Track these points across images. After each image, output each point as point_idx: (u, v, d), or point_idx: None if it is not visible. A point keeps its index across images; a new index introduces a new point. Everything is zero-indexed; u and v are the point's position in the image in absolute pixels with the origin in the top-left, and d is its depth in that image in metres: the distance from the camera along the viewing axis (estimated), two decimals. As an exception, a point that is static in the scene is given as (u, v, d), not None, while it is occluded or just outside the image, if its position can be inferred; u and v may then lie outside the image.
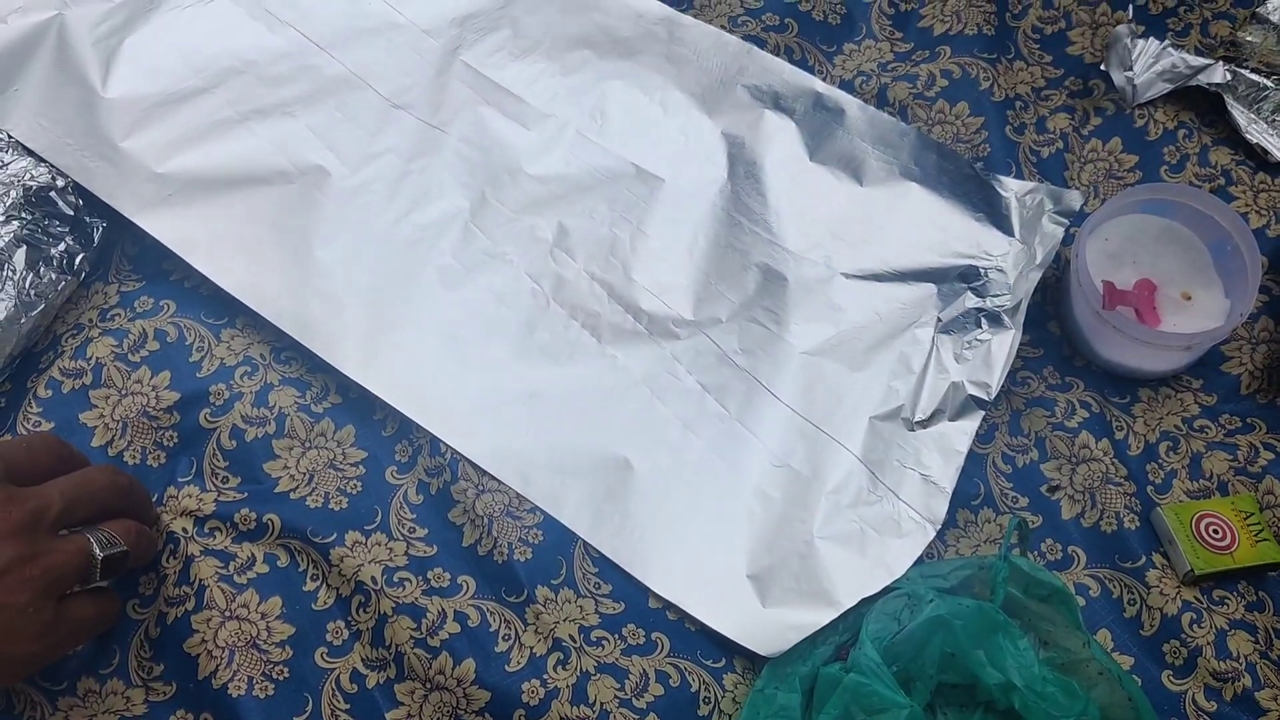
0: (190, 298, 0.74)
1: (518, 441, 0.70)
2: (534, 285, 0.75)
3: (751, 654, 0.64)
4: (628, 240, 0.76)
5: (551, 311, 0.74)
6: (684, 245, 0.76)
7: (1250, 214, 0.77)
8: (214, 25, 0.82)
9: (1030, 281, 0.73)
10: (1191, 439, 0.71)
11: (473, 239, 0.76)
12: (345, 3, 0.84)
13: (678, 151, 0.79)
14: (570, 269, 0.75)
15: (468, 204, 0.77)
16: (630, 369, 0.72)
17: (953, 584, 0.63)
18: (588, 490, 0.69)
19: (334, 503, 0.68)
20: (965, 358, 0.71)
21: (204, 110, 0.79)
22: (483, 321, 0.74)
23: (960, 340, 0.72)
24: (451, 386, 0.71)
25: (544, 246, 0.76)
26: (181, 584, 0.66)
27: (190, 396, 0.71)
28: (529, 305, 0.74)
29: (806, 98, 0.80)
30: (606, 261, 0.75)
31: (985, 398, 0.70)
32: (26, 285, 0.71)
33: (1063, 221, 0.74)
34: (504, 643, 0.64)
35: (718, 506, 0.68)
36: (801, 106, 0.80)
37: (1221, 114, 0.80)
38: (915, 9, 0.84)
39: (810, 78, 0.81)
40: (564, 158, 0.79)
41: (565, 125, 0.80)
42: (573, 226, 0.76)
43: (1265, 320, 0.74)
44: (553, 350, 0.73)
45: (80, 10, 0.81)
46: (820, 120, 0.80)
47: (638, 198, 0.77)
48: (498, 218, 0.77)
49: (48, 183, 0.74)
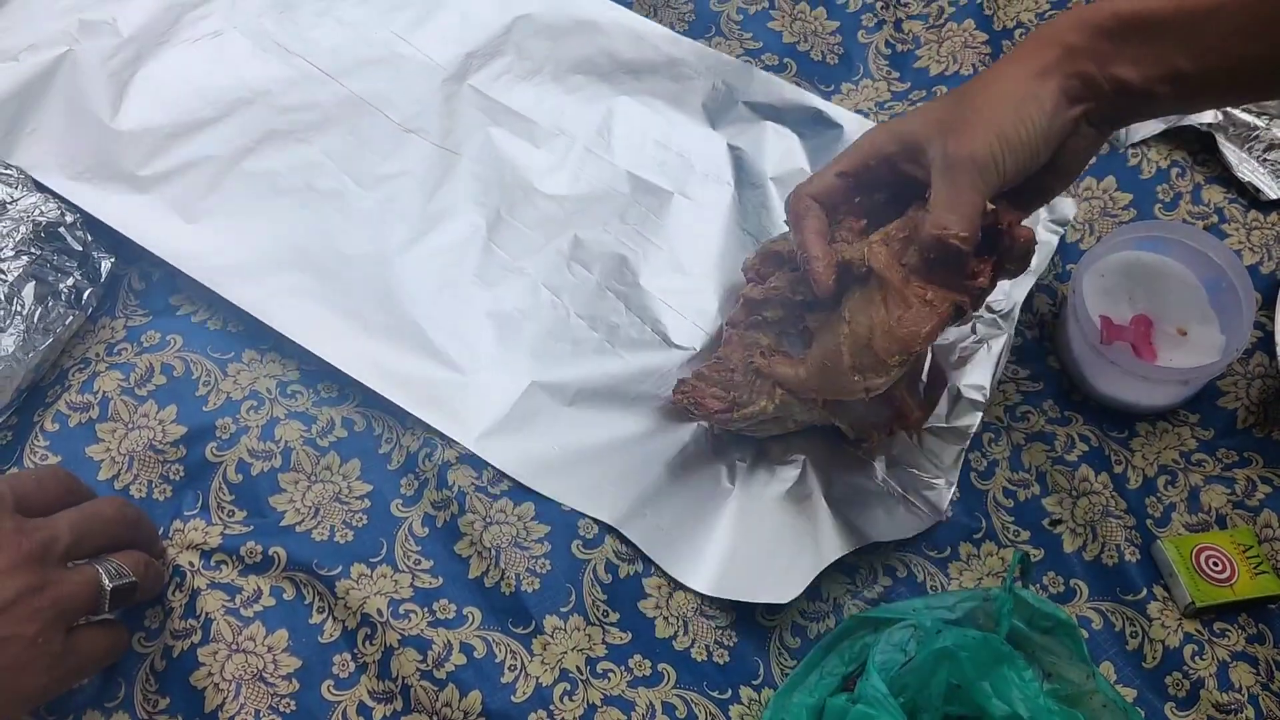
0: (197, 332, 0.75)
1: (539, 446, 0.71)
2: (554, 298, 0.76)
3: (757, 685, 0.65)
4: (641, 252, 0.78)
5: (572, 323, 0.75)
6: (696, 256, 0.78)
7: (1244, 251, 0.78)
8: (224, 57, 0.84)
9: (1024, 288, 0.74)
10: (1189, 472, 0.72)
11: (492, 255, 0.77)
12: (352, 32, 0.85)
13: (684, 165, 0.81)
14: (588, 281, 0.77)
15: (484, 222, 0.79)
16: (649, 377, 0.74)
17: (958, 615, 0.63)
18: (616, 487, 0.70)
19: (339, 535, 0.69)
20: (961, 361, 0.73)
21: (218, 139, 0.80)
22: (505, 333, 0.75)
23: (956, 345, 0.74)
24: (477, 397, 0.72)
25: (561, 260, 0.77)
26: (188, 617, 0.66)
27: (196, 430, 0.71)
28: (550, 317, 0.76)
29: (806, 112, 0.83)
30: (620, 273, 0.77)
31: (981, 399, 0.72)
32: (35, 319, 0.71)
33: (1057, 230, 0.76)
34: (510, 673, 0.64)
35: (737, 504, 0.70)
36: (802, 121, 0.82)
37: (1213, 153, 0.81)
38: (912, 50, 0.86)
39: (809, 94, 0.84)
40: (574, 174, 0.81)
41: (574, 142, 0.82)
42: (587, 239, 0.78)
43: (1260, 355, 0.75)
44: (575, 358, 0.74)
45: (91, 44, 0.82)
46: (820, 134, 0.82)
47: (648, 210, 0.79)
48: (514, 234, 0.79)
49: (57, 218, 0.74)
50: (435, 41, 0.85)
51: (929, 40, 0.86)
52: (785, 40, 0.86)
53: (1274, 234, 0.78)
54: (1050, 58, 0.59)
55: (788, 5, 0.88)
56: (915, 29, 0.86)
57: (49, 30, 0.83)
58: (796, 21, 0.87)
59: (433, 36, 0.85)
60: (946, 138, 0.60)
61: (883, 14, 0.87)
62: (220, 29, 0.85)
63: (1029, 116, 0.59)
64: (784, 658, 0.66)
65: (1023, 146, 0.59)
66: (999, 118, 0.59)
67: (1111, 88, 0.59)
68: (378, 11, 0.86)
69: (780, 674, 0.66)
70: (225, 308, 0.75)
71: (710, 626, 0.67)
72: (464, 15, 0.86)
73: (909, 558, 0.69)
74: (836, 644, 0.64)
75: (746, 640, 0.67)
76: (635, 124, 0.83)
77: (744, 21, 0.88)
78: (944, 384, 0.71)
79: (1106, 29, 0.58)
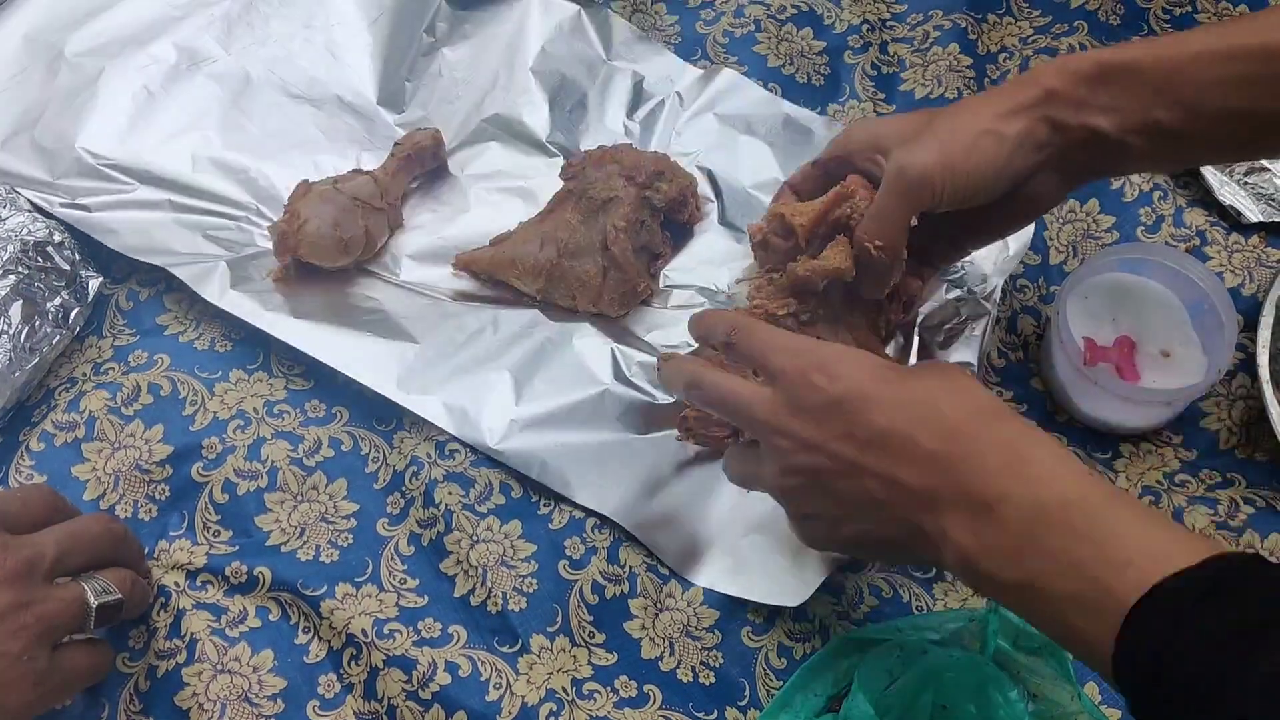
0: (184, 351, 0.75)
1: (544, 444, 0.72)
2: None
3: (743, 706, 0.65)
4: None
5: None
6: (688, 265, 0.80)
7: (1225, 273, 0.78)
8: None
9: (1005, 271, 0.76)
10: (1173, 493, 0.73)
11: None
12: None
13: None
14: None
15: None
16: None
17: (943, 636, 0.64)
18: (622, 484, 0.71)
19: (325, 555, 0.69)
20: (948, 341, 0.74)
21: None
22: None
23: (941, 329, 0.75)
24: (489, 396, 0.73)
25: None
26: (172, 637, 0.66)
27: (183, 450, 0.71)
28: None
29: (775, 120, 0.84)
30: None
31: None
32: (22, 339, 0.71)
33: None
34: (495, 691, 0.64)
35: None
36: (773, 129, 0.84)
37: (1195, 176, 0.82)
38: (897, 72, 0.87)
39: (778, 100, 0.85)
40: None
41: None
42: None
43: (1242, 377, 0.75)
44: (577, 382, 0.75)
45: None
46: (790, 139, 0.83)
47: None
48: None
49: (45, 237, 0.74)
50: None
51: (914, 63, 0.87)
52: (771, 63, 0.87)
53: (1255, 256, 0.79)
54: (1026, 98, 0.60)
55: (774, 26, 0.88)
56: (901, 52, 0.87)
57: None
58: (783, 43, 0.88)
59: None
60: (901, 148, 0.61)
61: (869, 36, 0.88)
62: None
63: (982, 148, 0.59)
64: (770, 679, 0.66)
65: (966, 176, 0.60)
66: (951, 142, 0.60)
67: (1083, 136, 0.60)
68: None
69: (766, 695, 0.66)
70: (212, 327, 0.76)
71: (696, 647, 0.67)
72: None
73: (895, 578, 0.69)
74: (822, 665, 0.65)
75: (732, 661, 0.67)
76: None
77: (729, 44, 0.88)
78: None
79: (1087, 75, 0.59)
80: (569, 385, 0.74)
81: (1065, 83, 0.59)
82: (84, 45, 0.85)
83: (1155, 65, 0.58)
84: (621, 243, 0.74)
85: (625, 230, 0.74)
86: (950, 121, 0.61)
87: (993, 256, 0.77)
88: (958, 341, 0.74)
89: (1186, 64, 0.58)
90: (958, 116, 0.61)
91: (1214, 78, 0.57)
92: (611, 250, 0.74)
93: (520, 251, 0.76)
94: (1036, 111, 0.60)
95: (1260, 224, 0.80)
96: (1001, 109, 0.60)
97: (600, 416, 0.73)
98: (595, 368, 0.74)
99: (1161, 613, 0.43)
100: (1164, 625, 0.43)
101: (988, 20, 0.88)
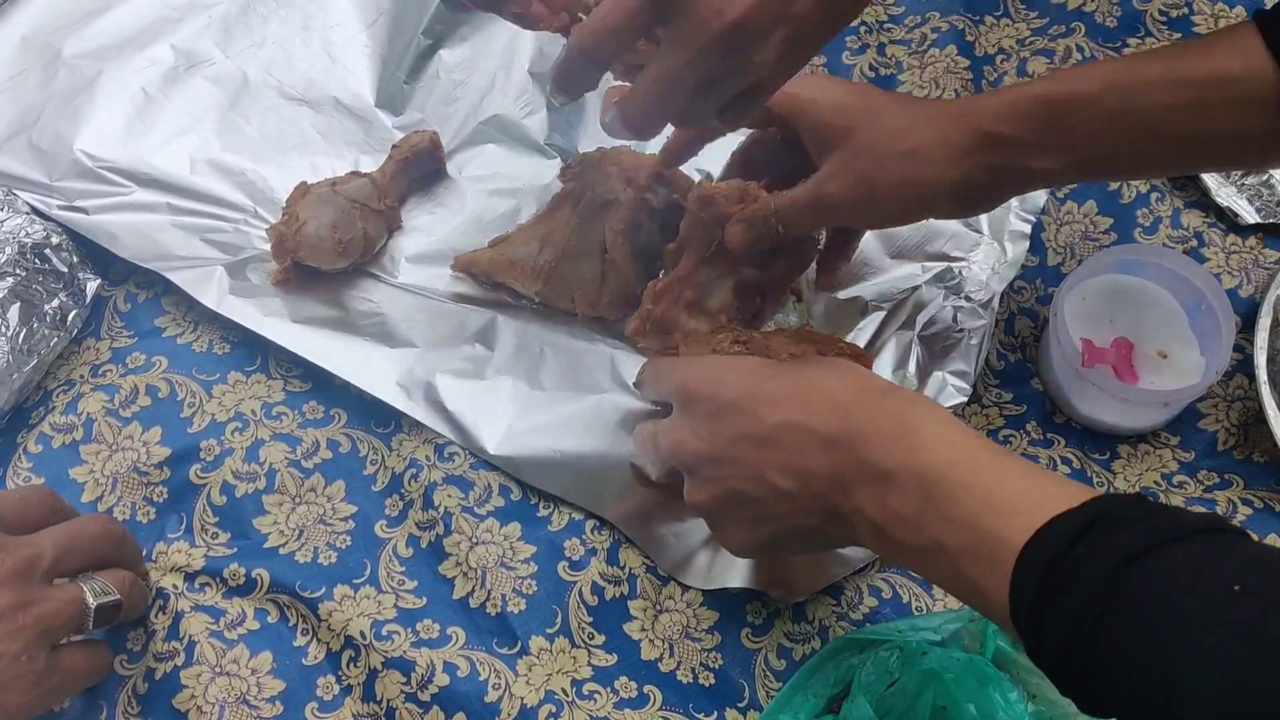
0: (182, 353, 0.75)
1: (542, 445, 0.72)
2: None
3: (743, 707, 0.65)
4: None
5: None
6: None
7: (1223, 274, 0.79)
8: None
9: (1004, 279, 0.76)
10: (1171, 494, 0.73)
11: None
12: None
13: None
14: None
15: None
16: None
17: (943, 637, 0.64)
18: (616, 486, 0.71)
19: (323, 557, 0.68)
20: (945, 350, 0.75)
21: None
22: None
23: (939, 337, 0.75)
24: (486, 401, 0.73)
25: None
26: (171, 639, 0.66)
27: (181, 452, 0.71)
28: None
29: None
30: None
31: (965, 385, 0.73)
32: (19, 340, 0.71)
33: (1029, 218, 0.79)
34: (494, 692, 0.64)
35: None
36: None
37: (1192, 178, 0.82)
38: (894, 74, 0.87)
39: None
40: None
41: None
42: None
43: (1240, 378, 0.76)
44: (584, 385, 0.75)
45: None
46: None
47: None
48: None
49: (42, 239, 0.74)
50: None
51: (912, 65, 0.87)
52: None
53: (1252, 258, 0.79)
54: (963, 142, 0.60)
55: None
56: (898, 54, 0.87)
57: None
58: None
59: None
60: (829, 162, 0.63)
61: (866, 38, 0.88)
62: None
63: (907, 192, 0.62)
64: (769, 679, 0.66)
65: (885, 212, 0.64)
66: (877, 180, 0.62)
67: (1021, 175, 0.60)
68: None
69: (766, 696, 0.66)
70: (210, 329, 0.76)
71: (696, 649, 0.67)
72: None
73: (894, 579, 0.70)
74: (822, 666, 0.64)
75: (732, 662, 0.67)
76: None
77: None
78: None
79: (1028, 116, 0.59)
80: (568, 389, 0.74)
81: (1007, 125, 0.59)
82: (82, 47, 0.85)
83: (1105, 94, 0.58)
84: (620, 246, 0.74)
85: (624, 233, 0.74)
86: (881, 149, 0.61)
87: (991, 263, 0.77)
88: (956, 350, 0.74)
89: (1139, 91, 0.57)
90: (891, 143, 0.61)
91: (1167, 104, 0.57)
92: (610, 253, 0.74)
93: (519, 253, 0.76)
94: (972, 159, 0.60)
95: (1257, 225, 0.80)
96: (935, 154, 0.60)
97: (598, 421, 0.73)
98: (594, 372, 0.74)
99: (1045, 552, 0.44)
100: (1046, 564, 0.44)
101: (985, 22, 0.88)
